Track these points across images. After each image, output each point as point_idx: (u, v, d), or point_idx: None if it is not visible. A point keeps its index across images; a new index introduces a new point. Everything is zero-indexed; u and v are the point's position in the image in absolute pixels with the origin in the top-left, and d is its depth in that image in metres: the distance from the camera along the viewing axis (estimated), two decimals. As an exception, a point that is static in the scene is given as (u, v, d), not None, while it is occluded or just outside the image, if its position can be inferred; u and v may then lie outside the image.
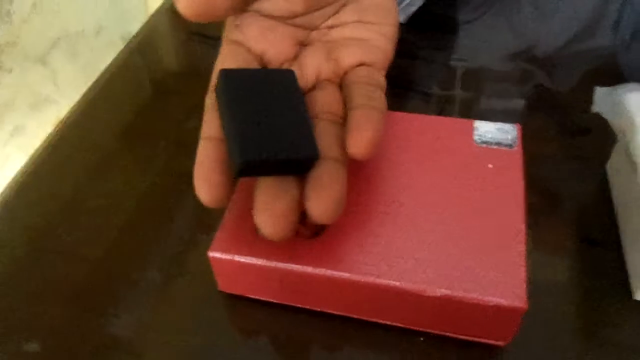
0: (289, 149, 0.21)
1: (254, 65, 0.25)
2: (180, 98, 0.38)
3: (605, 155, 0.31)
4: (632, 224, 0.27)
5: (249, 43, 0.25)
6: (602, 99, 0.29)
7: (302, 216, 0.25)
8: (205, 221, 0.30)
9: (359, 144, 0.22)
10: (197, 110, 0.24)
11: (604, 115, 0.29)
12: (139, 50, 0.44)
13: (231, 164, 0.21)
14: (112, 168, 0.34)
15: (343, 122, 0.24)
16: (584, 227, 0.29)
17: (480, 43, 0.41)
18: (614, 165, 0.31)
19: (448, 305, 0.23)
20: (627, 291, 0.26)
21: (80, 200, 0.32)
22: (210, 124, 0.23)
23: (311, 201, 0.21)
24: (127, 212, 0.31)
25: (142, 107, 0.39)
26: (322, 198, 0.21)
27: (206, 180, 0.21)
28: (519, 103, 0.37)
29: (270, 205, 0.21)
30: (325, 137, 0.23)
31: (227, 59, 0.25)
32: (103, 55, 0.94)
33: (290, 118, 0.23)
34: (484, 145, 0.27)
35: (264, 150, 0.21)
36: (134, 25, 1.01)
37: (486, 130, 0.28)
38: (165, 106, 0.38)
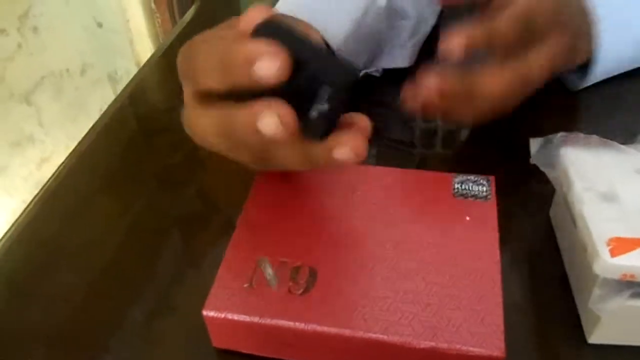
0: None
1: None
2: (168, 148, 0.40)
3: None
4: (576, 271, 0.28)
5: None
6: (538, 150, 0.29)
7: (294, 272, 0.26)
8: (190, 257, 0.31)
9: None
10: (181, 154, 0.25)
11: (541, 168, 0.29)
12: (130, 101, 0.45)
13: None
14: (94, 211, 0.35)
15: None
16: (545, 270, 0.30)
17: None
18: (556, 214, 0.31)
19: (433, 356, 0.24)
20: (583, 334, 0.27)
21: (63, 243, 0.33)
22: None
23: None
24: (111, 253, 0.32)
25: (130, 155, 0.40)
26: None
27: None
28: (493, 152, 0.39)
29: None
30: None
31: None
32: (89, 94, 0.95)
33: None
34: (462, 197, 0.29)
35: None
36: (120, 63, 1.02)
37: (463, 183, 0.30)
38: (152, 155, 0.40)
